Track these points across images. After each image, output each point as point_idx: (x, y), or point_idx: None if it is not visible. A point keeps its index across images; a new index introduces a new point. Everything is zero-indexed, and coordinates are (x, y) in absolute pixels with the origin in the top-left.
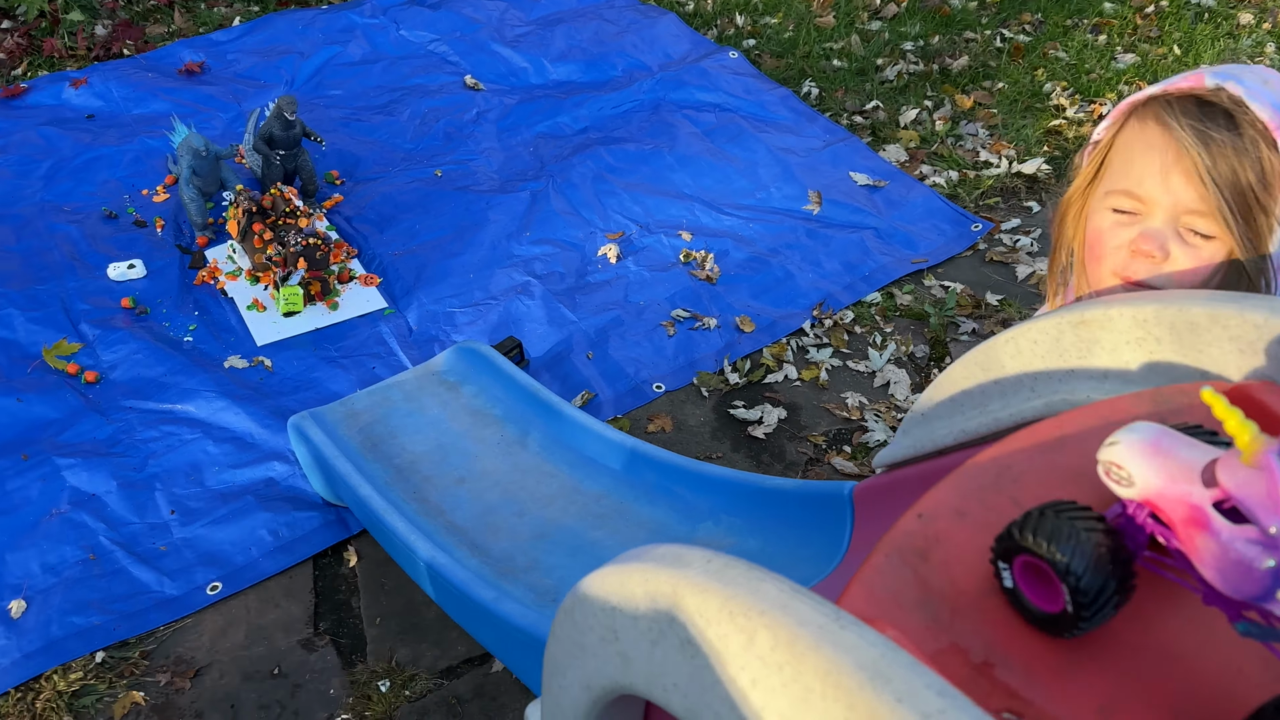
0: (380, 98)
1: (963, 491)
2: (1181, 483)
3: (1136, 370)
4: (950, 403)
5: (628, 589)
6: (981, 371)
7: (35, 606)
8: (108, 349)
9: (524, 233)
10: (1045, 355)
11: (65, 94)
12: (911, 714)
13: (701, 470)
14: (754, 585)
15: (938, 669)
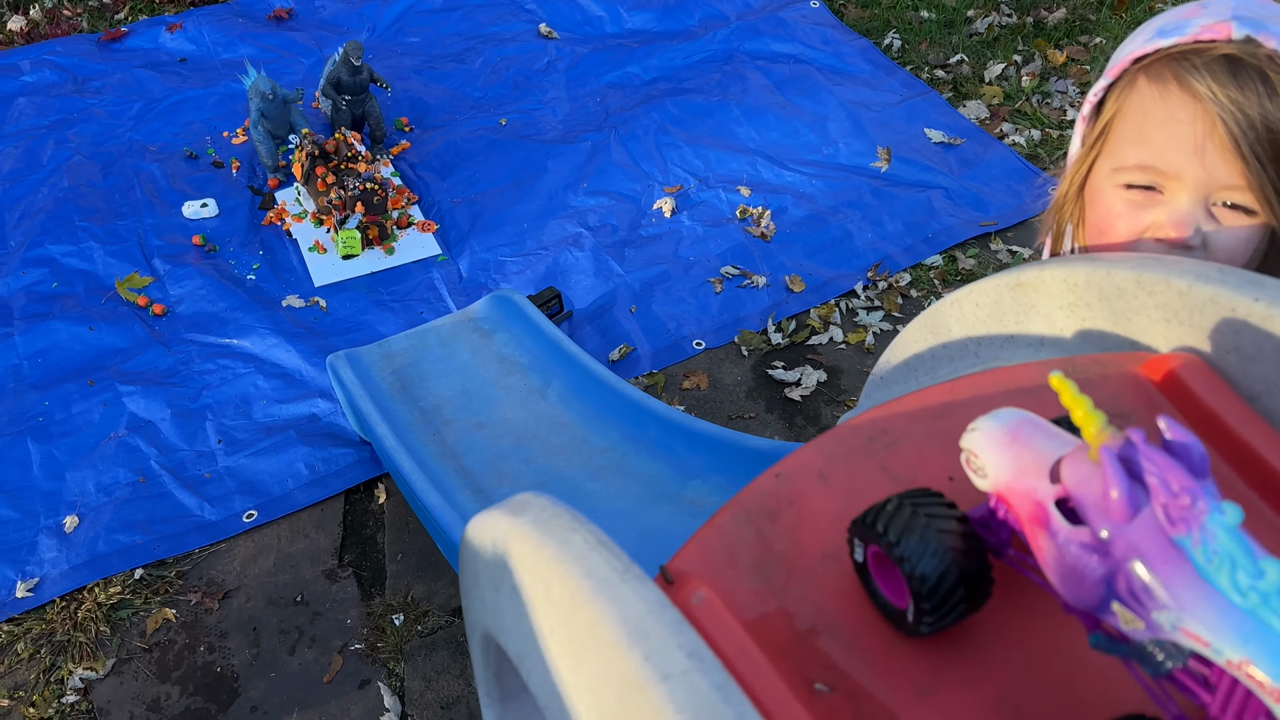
0: (455, 45)
1: (829, 454)
2: (1030, 477)
3: (1070, 337)
4: (905, 366)
5: (485, 533)
6: (931, 335)
7: (86, 523)
8: (176, 284)
9: (581, 184)
10: (986, 319)
11: (161, 38)
12: (653, 673)
13: (697, 428)
14: (565, 535)
15: (757, 632)
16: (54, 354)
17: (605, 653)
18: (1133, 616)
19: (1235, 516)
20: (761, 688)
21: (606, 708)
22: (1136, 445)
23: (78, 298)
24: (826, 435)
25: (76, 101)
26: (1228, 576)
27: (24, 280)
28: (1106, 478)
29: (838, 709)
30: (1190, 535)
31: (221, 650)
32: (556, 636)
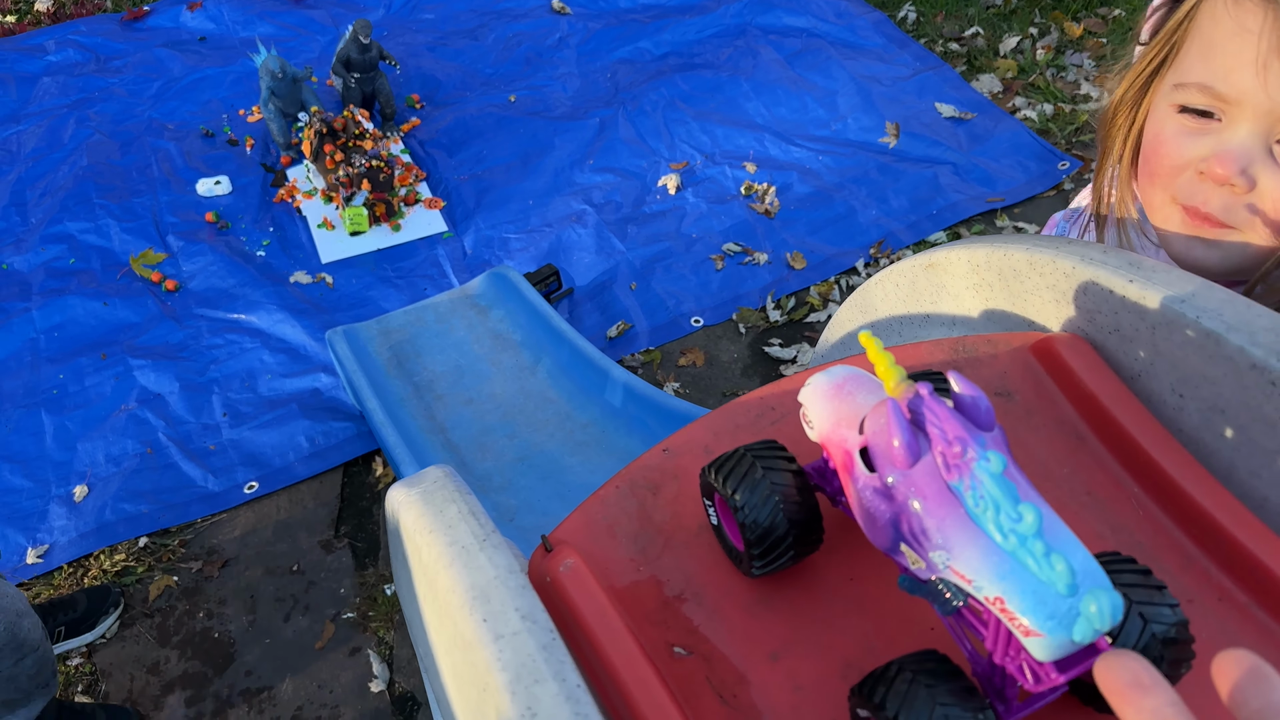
0: (469, 21)
1: (716, 429)
2: (843, 427)
3: (977, 317)
4: (840, 345)
5: (390, 502)
6: (860, 314)
7: (95, 492)
8: (189, 260)
9: (587, 161)
10: (905, 299)
11: (182, 17)
12: (487, 634)
13: (673, 405)
14: (442, 506)
15: (627, 599)
16: (70, 328)
17: (454, 614)
18: (916, 556)
19: (999, 464)
20: (616, 651)
21: (457, 666)
22: (922, 397)
23: (94, 274)
24: (717, 412)
25: (98, 81)
26: (992, 519)
27: (43, 256)
28: (889, 427)
29: (693, 671)
30: (962, 481)
31: (220, 616)
32: (426, 600)
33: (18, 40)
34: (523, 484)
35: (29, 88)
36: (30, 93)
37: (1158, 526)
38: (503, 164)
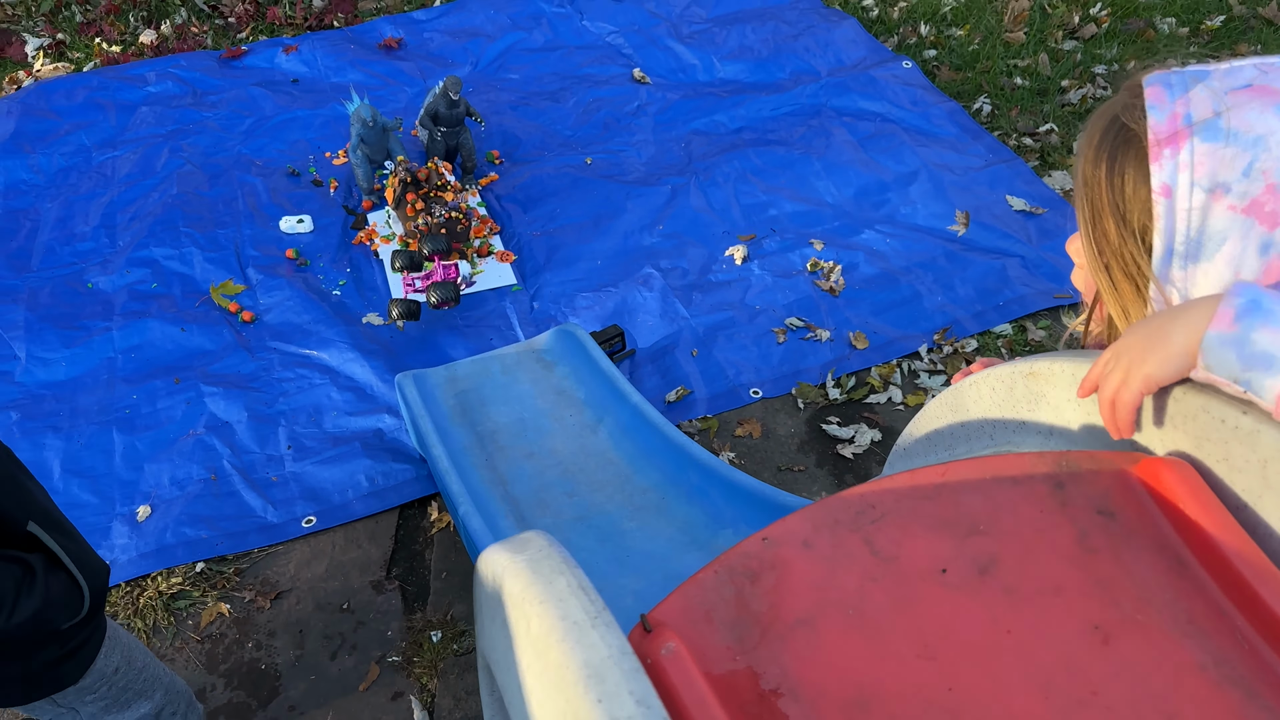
0: (552, 84)
1: (816, 523)
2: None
3: (1076, 430)
4: (926, 440)
5: (488, 566)
6: (951, 413)
7: (157, 514)
8: (266, 293)
9: (657, 226)
10: (1001, 404)
11: (277, 59)
12: (603, 714)
13: (735, 478)
14: (551, 577)
15: (724, 688)
16: (147, 350)
17: (567, 690)
18: None
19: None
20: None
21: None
22: None
23: (174, 299)
24: (816, 505)
25: (193, 114)
26: None
27: (127, 279)
28: None
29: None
30: None
31: (268, 649)
32: (532, 670)
33: (121, 69)
34: (581, 544)
35: (128, 116)
36: (128, 120)
37: (1261, 662)
38: (575, 223)
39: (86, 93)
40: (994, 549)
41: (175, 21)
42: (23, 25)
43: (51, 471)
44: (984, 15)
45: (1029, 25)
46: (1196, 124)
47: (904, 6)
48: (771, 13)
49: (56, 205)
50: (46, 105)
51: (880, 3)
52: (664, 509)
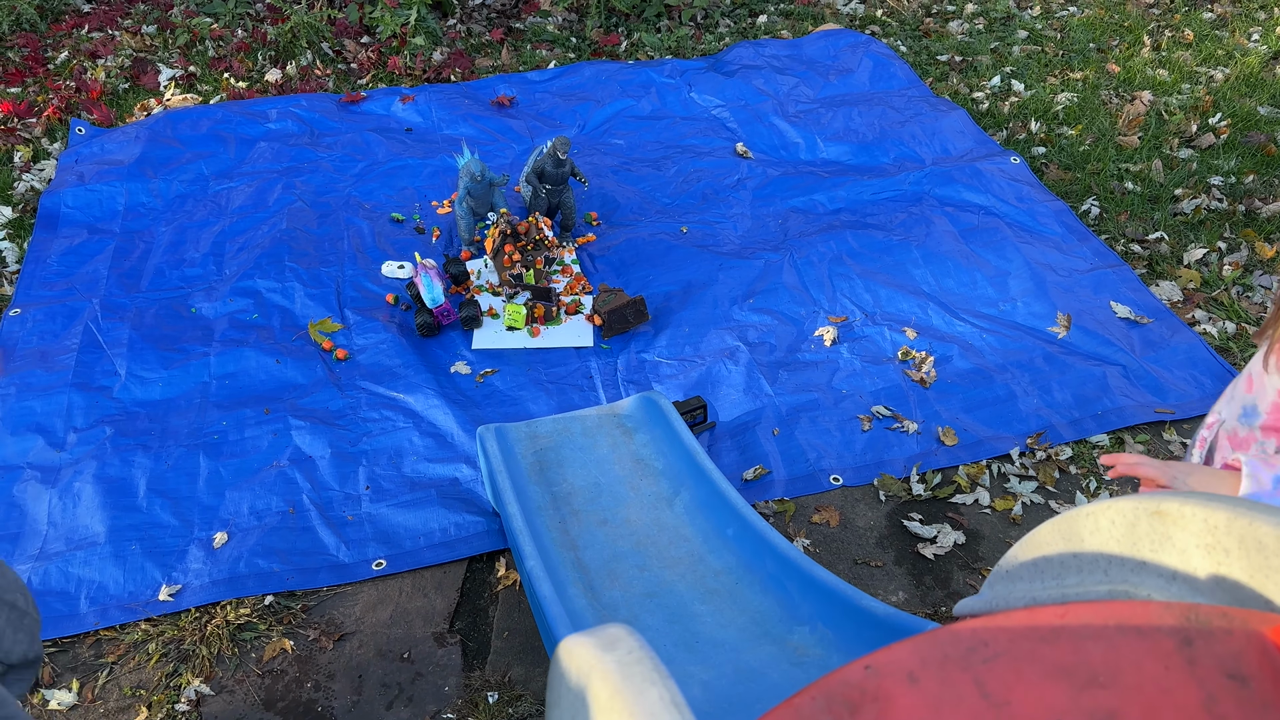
0: (655, 152)
1: (924, 657)
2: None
3: (1204, 579)
4: (1032, 565)
5: (573, 659)
6: (1062, 541)
7: (234, 542)
8: (361, 334)
9: (748, 300)
10: (1120, 539)
11: (394, 107)
12: None
13: (813, 572)
14: (642, 687)
15: None
16: (241, 379)
17: None
18: None
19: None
20: None
21: None
22: None
23: (273, 331)
24: (925, 636)
25: (309, 153)
26: None
27: (230, 307)
28: None
29: None
30: None
31: (326, 690)
32: None
33: (245, 105)
34: (649, 622)
35: (247, 149)
36: (247, 154)
37: None
38: (665, 290)
39: (210, 124)
40: (1113, 705)
41: (301, 63)
42: (159, 56)
43: (136, 489)
44: (1097, 116)
45: (1144, 130)
46: None
47: (1015, 101)
48: (880, 98)
49: (170, 230)
50: (172, 133)
51: (991, 96)
52: (736, 595)
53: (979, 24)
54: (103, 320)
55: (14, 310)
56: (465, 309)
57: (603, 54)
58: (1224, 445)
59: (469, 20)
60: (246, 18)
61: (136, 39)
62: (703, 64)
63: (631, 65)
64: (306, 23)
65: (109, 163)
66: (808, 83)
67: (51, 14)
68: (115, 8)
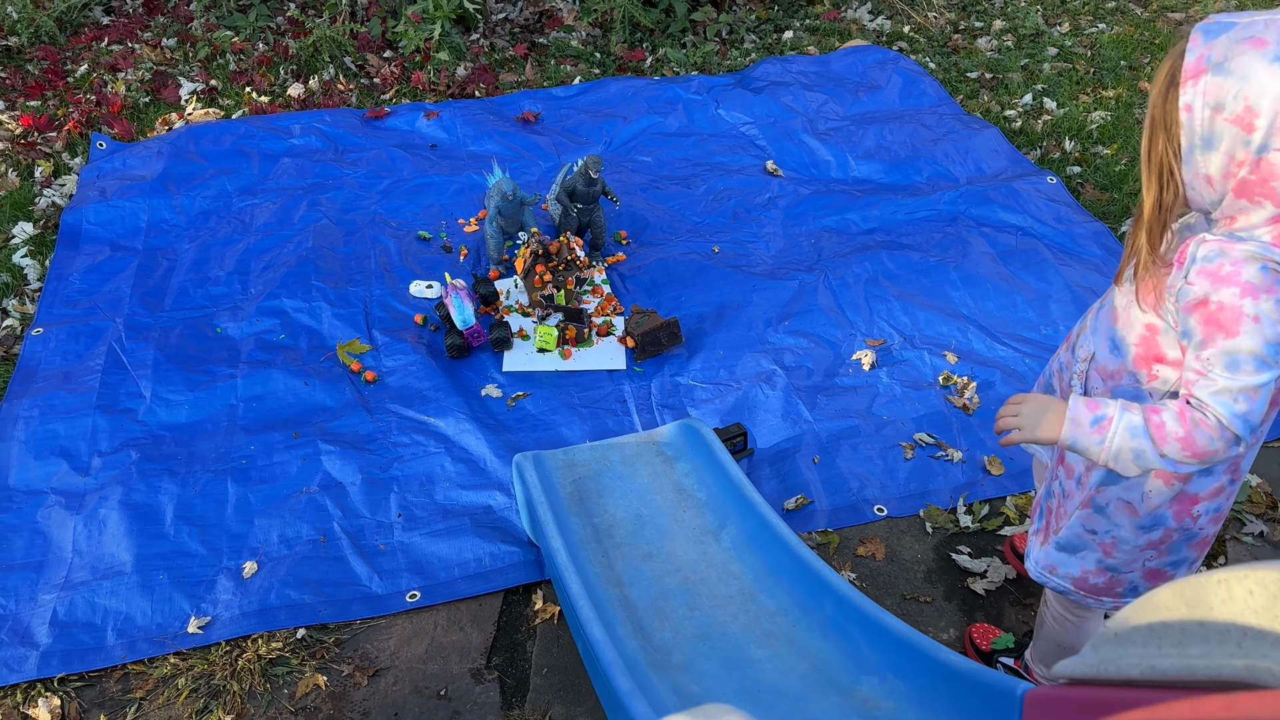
0: (683, 170)
1: None
2: None
3: None
4: (1148, 630)
5: None
6: (1186, 607)
7: (263, 572)
8: (390, 355)
9: (783, 321)
10: (1260, 611)
11: (418, 123)
12: None
13: (881, 619)
14: None
15: None
16: (268, 401)
17: None
18: None
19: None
20: None
21: None
22: None
23: (300, 352)
24: None
25: (333, 169)
26: None
27: (256, 327)
28: None
29: None
30: None
31: None
32: None
33: (268, 120)
34: (705, 668)
35: (270, 165)
36: (270, 170)
37: None
38: (698, 311)
39: (233, 139)
40: None
41: (323, 78)
42: (179, 69)
43: (164, 516)
44: (1133, 134)
45: None
46: (1212, 64)
47: (1048, 120)
48: (910, 115)
49: (194, 247)
50: (195, 148)
51: (1023, 114)
52: (794, 639)
53: (1008, 41)
54: (127, 340)
55: (36, 329)
56: (496, 330)
57: (628, 70)
58: (1094, 378)
59: (492, 35)
60: (268, 31)
61: (157, 52)
62: (730, 80)
63: (657, 81)
64: (329, 37)
65: (131, 178)
66: (837, 99)
67: (71, 26)
68: (135, 20)
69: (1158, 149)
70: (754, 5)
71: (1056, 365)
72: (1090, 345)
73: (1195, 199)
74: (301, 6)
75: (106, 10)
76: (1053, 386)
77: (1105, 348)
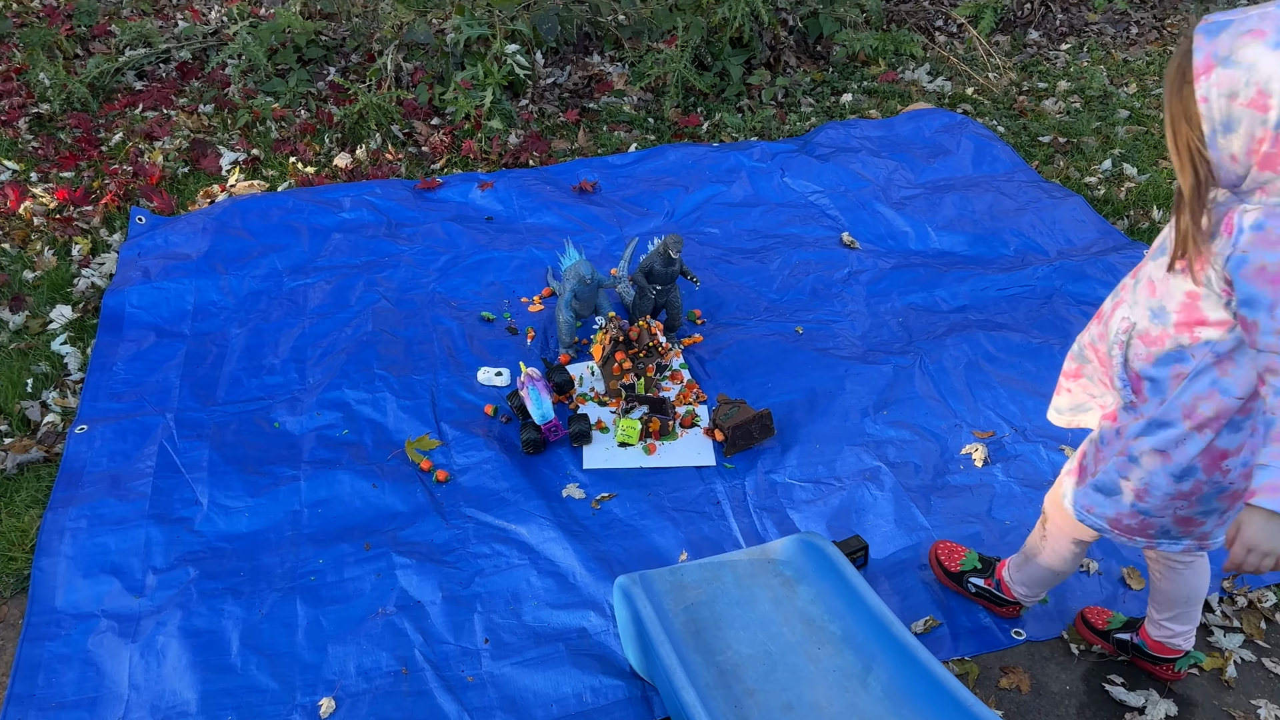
0: (753, 242)
1: None
2: None
3: None
4: None
5: None
6: None
7: (342, 710)
8: (462, 452)
9: (881, 411)
10: None
11: (472, 194)
12: None
13: None
14: None
15: None
16: (335, 506)
17: None
18: None
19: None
20: None
21: None
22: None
23: (365, 449)
24: None
25: (388, 245)
26: None
27: (317, 421)
28: None
29: None
30: None
31: None
32: None
33: (316, 192)
34: None
35: (321, 242)
36: (322, 247)
37: None
38: (786, 400)
39: (281, 214)
40: None
41: (370, 146)
42: (218, 137)
43: (229, 644)
44: None
45: None
46: (1219, 58)
47: (1132, 188)
48: (987, 182)
49: (245, 332)
50: (241, 224)
51: (1104, 181)
52: None
53: (1075, 102)
54: (179, 439)
55: (80, 427)
56: (575, 424)
57: (684, 135)
58: (1137, 345)
59: (541, 100)
60: (309, 97)
61: (194, 119)
62: (792, 146)
63: (717, 148)
64: (374, 104)
65: (175, 256)
66: (908, 166)
67: (103, 92)
68: (169, 85)
69: (1183, 138)
70: (808, 67)
71: (1088, 339)
72: (1130, 317)
73: (1225, 176)
74: (343, 71)
75: (139, 75)
76: (1086, 357)
77: (1146, 317)
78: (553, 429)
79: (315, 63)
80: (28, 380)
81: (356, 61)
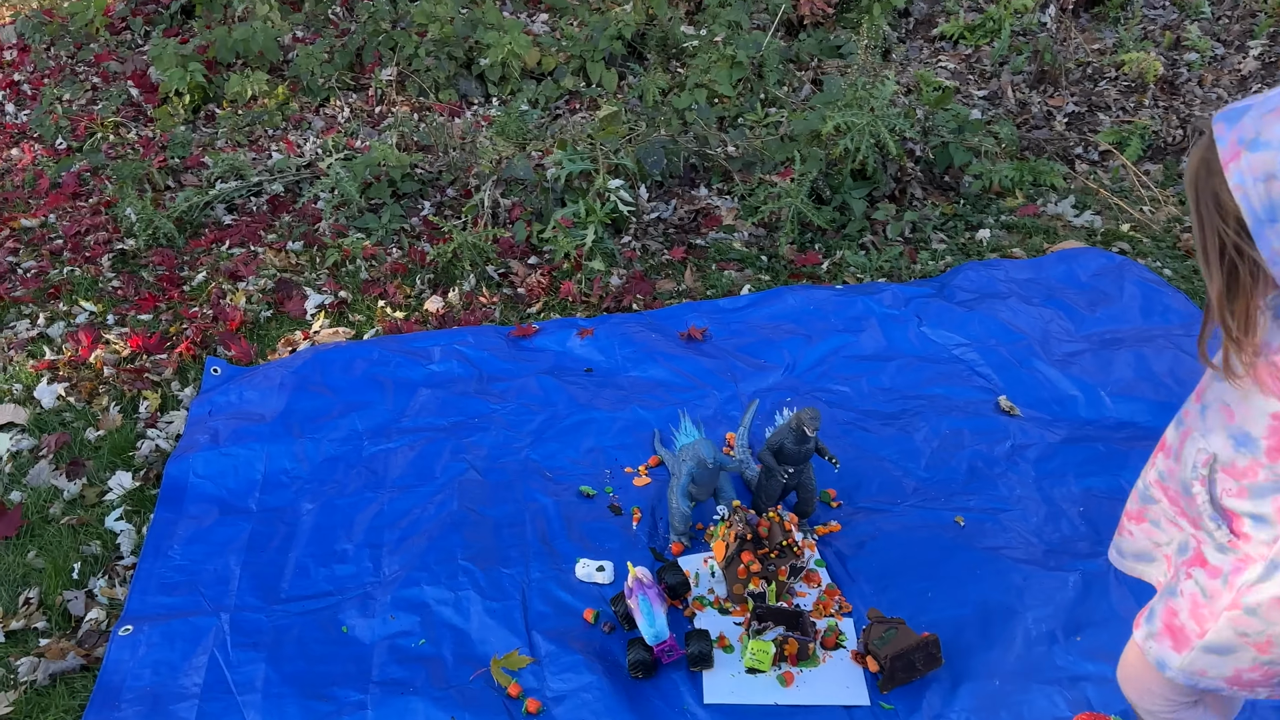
0: (891, 404)
1: None
2: None
3: None
4: None
5: None
6: None
7: None
8: (557, 674)
9: (1073, 636)
10: None
11: (570, 342)
12: None
13: None
14: None
15: None
16: None
17: None
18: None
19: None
20: None
21: None
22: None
23: (444, 666)
24: None
25: (478, 404)
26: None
27: (391, 627)
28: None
29: None
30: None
31: None
32: None
33: (404, 341)
34: None
35: (407, 398)
36: (407, 404)
37: None
38: (953, 615)
39: (365, 365)
40: None
41: (463, 288)
42: (305, 277)
43: None
44: None
45: None
46: (1245, 142)
47: None
48: (1163, 336)
49: (317, 508)
50: (321, 378)
51: None
52: None
53: None
54: (232, 648)
55: (125, 628)
56: (693, 643)
57: (801, 276)
58: (1224, 479)
59: (644, 237)
60: (401, 234)
61: (281, 257)
62: (928, 290)
63: (841, 290)
64: (469, 243)
65: (248, 417)
66: (1066, 315)
67: (191, 226)
68: (258, 219)
69: (1215, 238)
70: (936, 199)
71: (1153, 476)
72: (1207, 448)
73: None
74: (438, 206)
75: (229, 208)
76: (1153, 497)
77: (1229, 447)
78: (667, 650)
79: (410, 197)
80: (74, 564)
81: (453, 196)
